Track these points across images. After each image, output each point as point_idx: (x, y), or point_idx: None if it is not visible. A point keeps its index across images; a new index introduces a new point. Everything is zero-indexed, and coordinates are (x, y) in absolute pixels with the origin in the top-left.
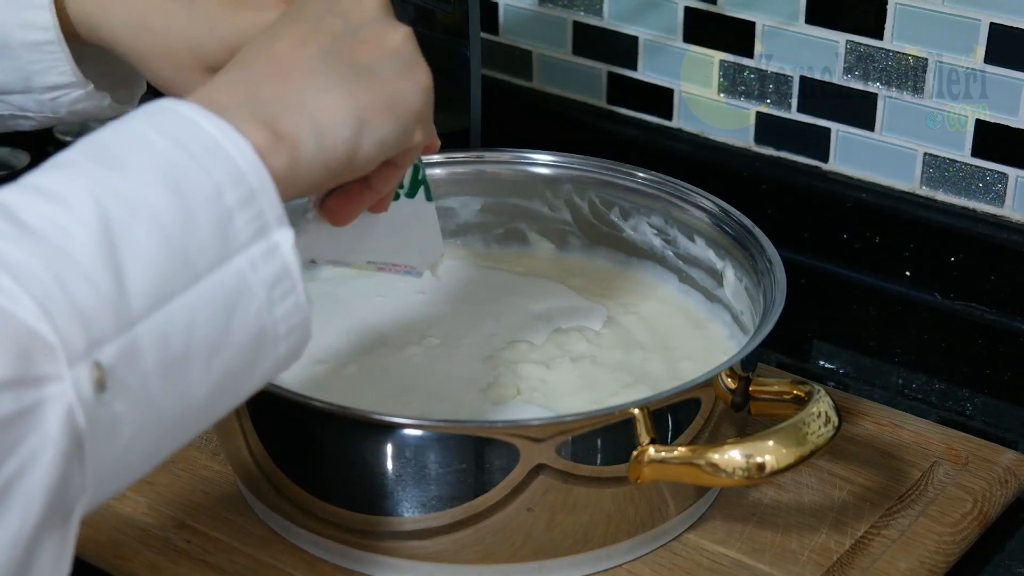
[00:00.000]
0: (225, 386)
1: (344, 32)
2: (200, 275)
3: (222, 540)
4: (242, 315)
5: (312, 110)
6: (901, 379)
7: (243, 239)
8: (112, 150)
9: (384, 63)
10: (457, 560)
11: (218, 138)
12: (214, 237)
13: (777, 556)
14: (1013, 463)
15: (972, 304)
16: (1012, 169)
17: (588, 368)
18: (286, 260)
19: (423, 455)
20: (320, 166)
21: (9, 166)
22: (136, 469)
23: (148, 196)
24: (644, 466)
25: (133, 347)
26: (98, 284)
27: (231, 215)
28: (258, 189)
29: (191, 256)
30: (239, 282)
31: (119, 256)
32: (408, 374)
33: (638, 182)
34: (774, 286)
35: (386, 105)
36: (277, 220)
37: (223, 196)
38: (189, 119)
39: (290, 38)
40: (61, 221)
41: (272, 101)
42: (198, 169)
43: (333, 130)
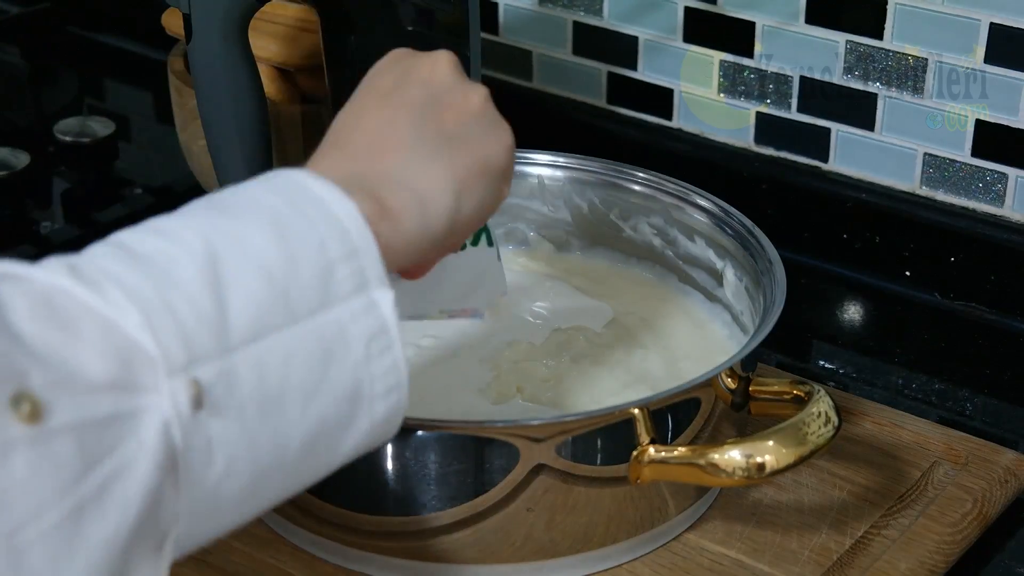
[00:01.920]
0: (320, 437)
1: (427, 101)
2: (300, 317)
3: (222, 540)
4: (339, 364)
5: (414, 184)
6: (901, 379)
7: (344, 291)
8: (226, 202)
9: (471, 127)
10: (457, 560)
11: (326, 199)
12: (315, 283)
13: (777, 556)
14: (1013, 463)
15: (972, 304)
16: (1012, 169)
17: (588, 368)
18: (385, 318)
19: (423, 455)
20: (425, 237)
21: (9, 166)
22: (229, 511)
23: (255, 238)
24: (644, 466)
25: (231, 371)
26: (201, 307)
27: (333, 266)
28: (361, 248)
29: (291, 297)
30: (337, 331)
31: (222, 286)
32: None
33: (638, 182)
34: (774, 286)
35: (481, 170)
36: (378, 280)
37: (326, 248)
38: (299, 183)
39: (377, 112)
40: (170, 251)
41: (373, 178)
42: (305, 222)
43: (435, 202)
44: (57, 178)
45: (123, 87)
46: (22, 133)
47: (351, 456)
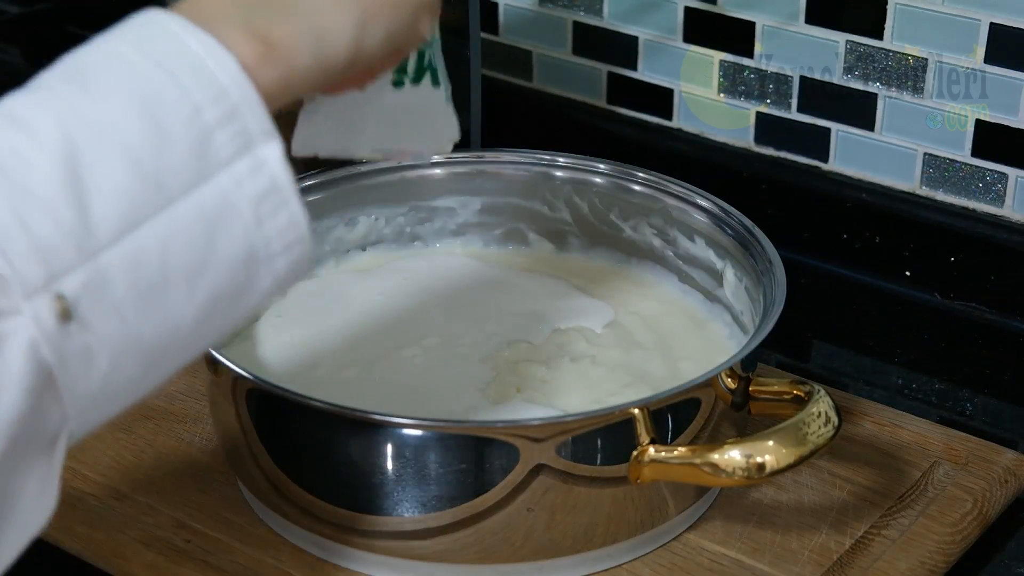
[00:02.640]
0: (216, 308)
1: None
2: (175, 198)
3: (222, 540)
4: (227, 235)
5: (311, 14)
6: (901, 379)
7: (224, 157)
8: (88, 71)
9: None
10: (457, 560)
11: (200, 54)
12: (190, 158)
13: (777, 556)
14: (1013, 463)
15: (972, 304)
16: (1012, 169)
17: (588, 368)
18: (274, 174)
19: (423, 455)
20: (319, 72)
21: None
22: (125, 394)
23: (118, 121)
24: (644, 466)
25: (100, 276)
26: (59, 215)
27: (211, 134)
28: (242, 105)
29: (164, 180)
30: (220, 201)
31: (83, 185)
32: (408, 374)
33: (638, 182)
34: (774, 286)
35: (390, 3)
36: (264, 134)
37: (202, 115)
38: (173, 34)
39: None
40: (25, 152)
41: (267, 7)
42: (176, 89)
43: (333, 34)
44: None
45: None
46: None
47: (257, 309)
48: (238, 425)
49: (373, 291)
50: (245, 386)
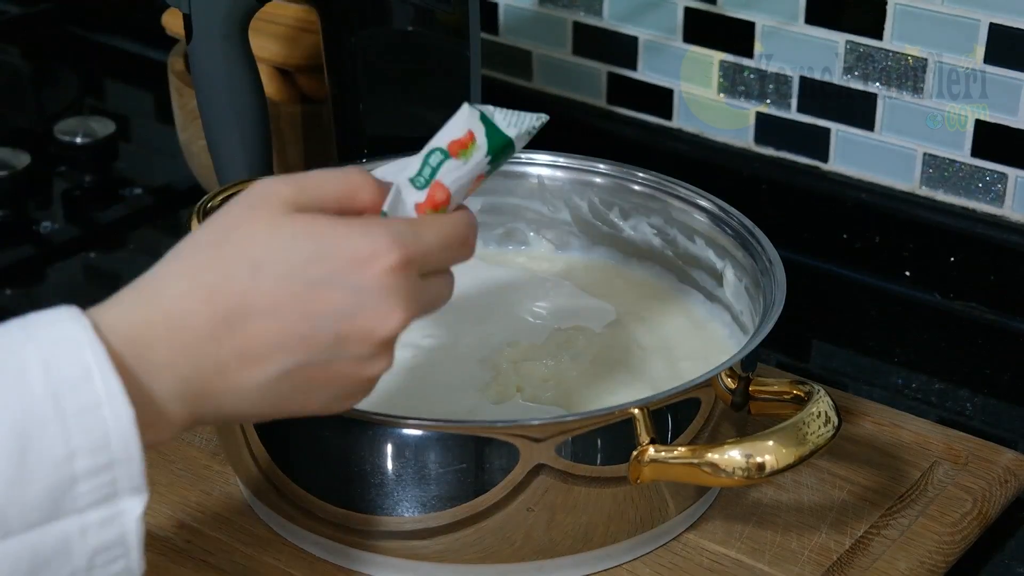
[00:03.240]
0: None
1: (321, 356)
2: (12, 532)
3: (222, 540)
4: (51, 574)
5: (223, 409)
6: (901, 379)
7: (80, 504)
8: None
9: (328, 392)
10: (457, 560)
11: (100, 399)
12: (44, 499)
13: (777, 556)
14: (1013, 463)
15: (972, 304)
16: (1012, 169)
17: (588, 368)
18: (125, 529)
19: (423, 455)
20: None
21: (10, 166)
22: None
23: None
24: (644, 466)
25: None
26: None
27: (75, 481)
28: (120, 459)
29: (6, 513)
30: (58, 545)
31: None
32: (407, 374)
33: (638, 182)
34: (774, 286)
35: (292, 414)
36: (132, 489)
37: (72, 462)
38: (85, 366)
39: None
40: None
41: (196, 387)
42: (58, 428)
43: (227, 419)
44: (57, 178)
45: (123, 87)
46: (22, 133)
47: None
48: (238, 425)
49: None
50: None
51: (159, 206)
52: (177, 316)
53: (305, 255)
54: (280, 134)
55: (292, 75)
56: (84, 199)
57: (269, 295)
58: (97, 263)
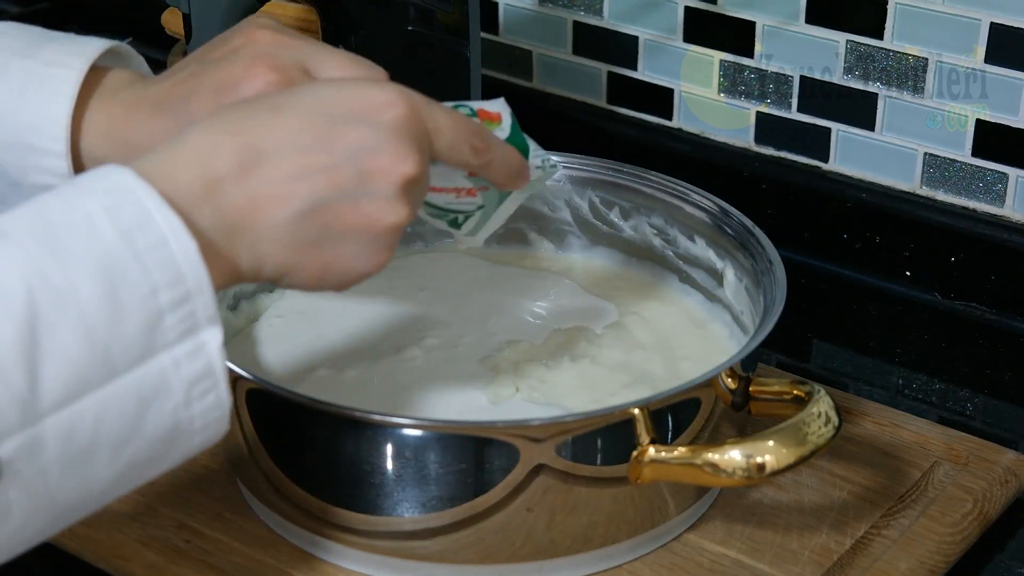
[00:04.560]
0: (129, 475)
1: (345, 193)
2: (118, 372)
3: (222, 540)
4: (157, 411)
5: (259, 252)
6: (901, 379)
7: (170, 338)
8: (58, 230)
9: (354, 241)
10: (457, 560)
11: (166, 235)
12: (140, 335)
13: (777, 556)
14: (1013, 463)
15: (972, 304)
16: (1012, 169)
17: (588, 368)
18: (211, 359)
19: (423, 455)
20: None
21: None
22: (25, 544)
23: (81, 291)
24: (644, 466)
25: (35, 441)
26: (10, 381)
27: (162, 315)
28: (194, 291)
29: (112, 354)
30: (158, 380)
31: (38, 353)
32: (408, 374)
33: (638, 182)
34: (774, 286)
35: (322, 271)
36: (208, 320)
37: (158, 296)
38: (144, 208)
39: (293, 153)
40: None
41: (230, 219)
42: (139, 269)
43: (267, 273)
44: None
45: None
46: None
47: (161, 475)
48: (238, 425)
49: (372, 291)
50: (245, 386)
51: None
52: (204, 148)
53: (325, 97)
54: None
55: None
56: None
57: (292, 129)
58: None
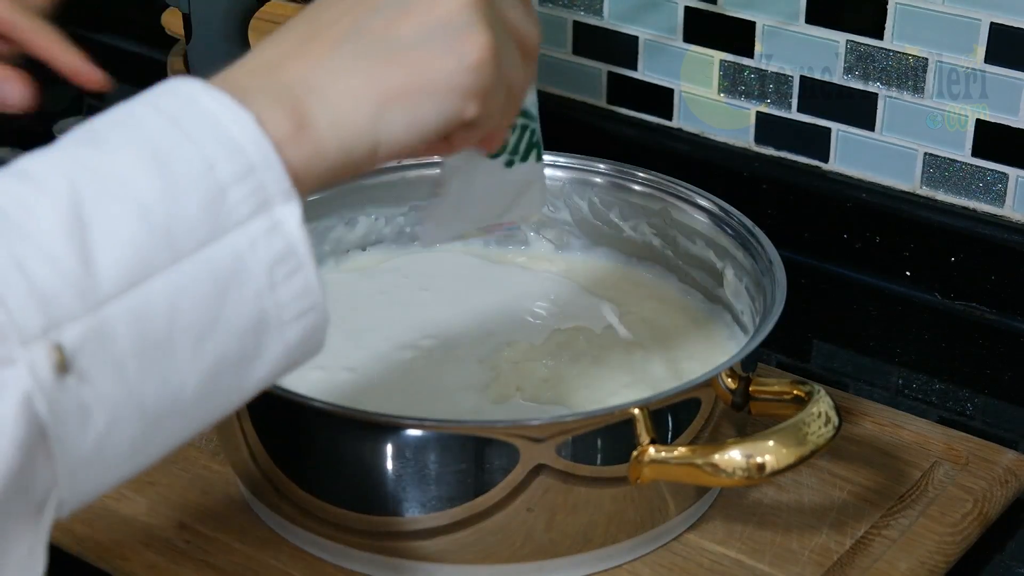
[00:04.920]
0: (221, 375)
1: (390, 2)
2: (184, 253)
3: (222, 540)
4: (238, 297)
5: (329, 95)
6: (901, 379)
7: (239, 215)
8: (100, 130)
9: (425, 37)
10: (457, 560)
11: (215, 112)
12: (203, 213)
13: (777, 556)
14: (1013, 463)
15: (972, 304)
16: (1012, 169)
17: (588, 368)
18: (291, 238)
19: (423, 455)
20: (341, 157)
21: None
22: (120, 464)
23: (126, 173)
24: (644, 466)
25: (102, 328)
26: (60, 262)
27: (225, 190)
28: (258, 163)
29: (174, 233)
30: (233, 261)
31: (88, 234)
32: (407, 374)
33: (638, 182)
34: (774, 286)
35: (419, 86)
36: (282, 195)
37: (216, 171)
38: (188, 97)
39: (336, 7)
40: (28, 201)
41: (294, 83)
42: (190, 145)
43: (349, 118)
44: None
45: (123, 87)
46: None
47: (270, 380)
48: (238, 425)
49: (373, 291)
50: None
51: None
52: (256, 51)
53: None
54: None
55: None
56: None
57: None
58: None
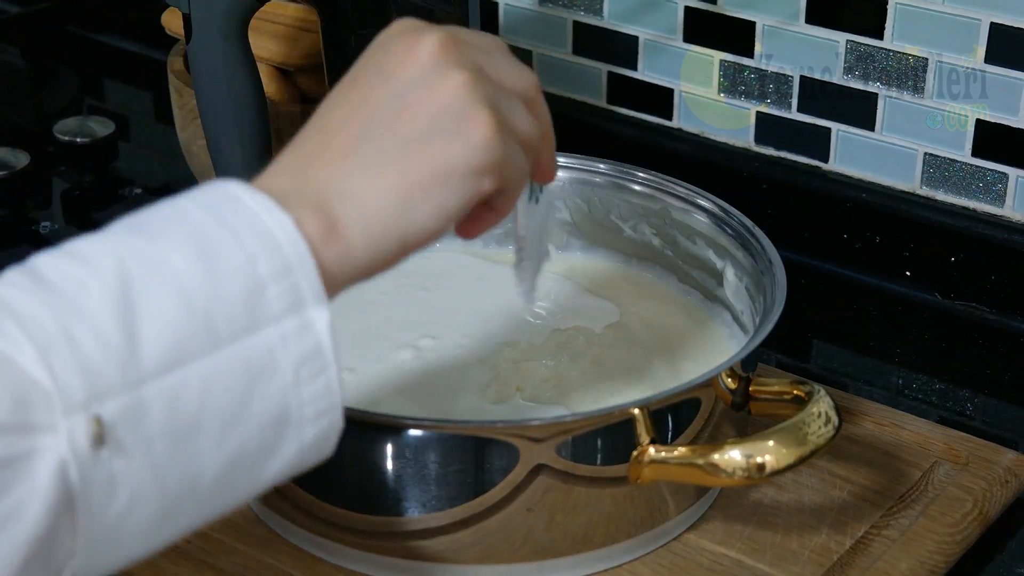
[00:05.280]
0: (239, 465)
1: (390, 100)
2: (222, 342)
3: (222, 540)
4: (264, 389)
5: (357, 197)
6: (901, 379)
7: (275, 312)
8: (148, 221)
9: (430, 127)
10: (457, 560)
11: (258, 211)
12: (242, 305)
13: (777, 556)
14: (1013, 463)
15: (972, 304)
16: (1012, 169)
17: (588, 368)
18: (320, 339)
19: (423, 455)
20: (372, 254)
21: (9, 166)
22: (134, 543)
23: (173, 259)
24: (644, 466)
25: (139, 406)
26: (107, 338)
27: (263, 286)
28: (295, 263)
29: (214, 322)
30: (265, 355)
31: (134, 313)
32: (407, 374)
33: (638, 182)
34: (774, 286)
35: (435, 175)
36: (315, 297)
37: (256, 266)
38: (231, 196)
39: (341, 109)
40: (79, 276)
41: (322, 188)
42: (233, 239)
43: (378, 217)
44: (57, 178)
45: (123, 87)
46: (22, 133)
47: (279, 479)
48: None
49: (373, 291)
50: None
51: None
52: (286, 155)
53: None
54: (280, 134)
55: (292, 75)
56: (84, 199)
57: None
58: None
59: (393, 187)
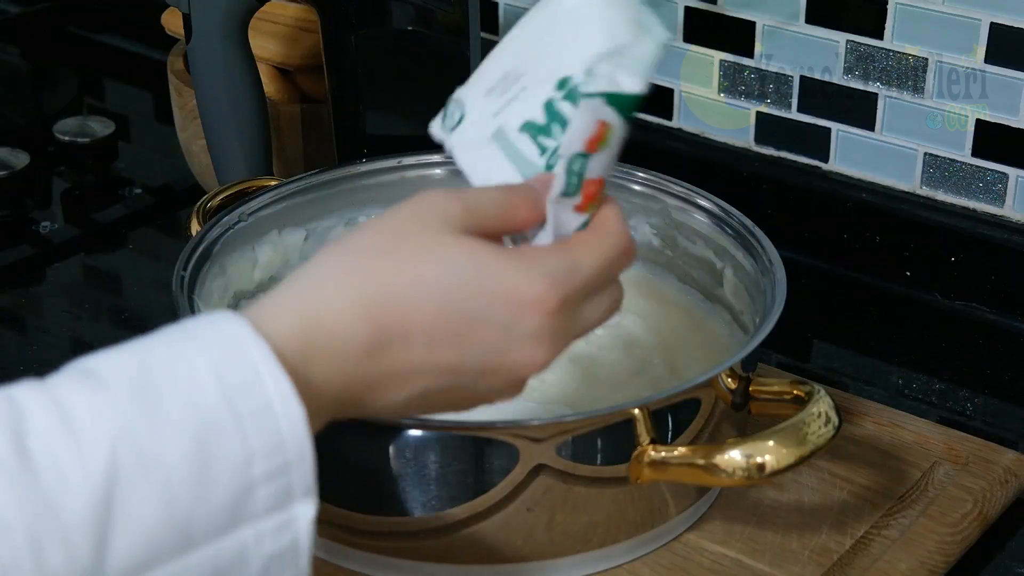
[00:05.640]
0: None
1: (463, 385)
2: (195, 544)
3: None
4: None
5: (367, 415)
6: (901, 379)
7: (258, 510)
8: (155, 379)
9: (487, 391)
10: (457, 560)
11: (272, 400)
12: (226, 508)
13: (777, 556)
14: (1013, 463)
15: (972, 304)
16: (1012, 169)
17: (588, 368)
18: (298, 536)
19: (423, 455)
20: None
21: (9, 166)
22: None
23: (168, 449)
24: (644, 466)
25: None
26: (76, 550)
27: (253, 486)
28: (294, 461)
29: (193, 526)
30: (235, 555)
31: (111, 521)
32: None
33: (638, 182)
34: (774, 286)
35: (448, 407)
36: (304, 492)
37: (252, 467)
38: (252, 367)
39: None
40: (67, 467)
41: (344, 389)
42: (235, 430)
43: (390, 411)
44: (57, 178)
45: (123, 87)
46: (22, 133)
47: None
48: None
49: None
50: None
51: (159, 206)
52: (339, 337)
53: (468, 289)
54: (280, 134)
55: (292, 75)
56: (84, 199)
57: (427, 322)
58: (97, 263)
59: (422, 408)
